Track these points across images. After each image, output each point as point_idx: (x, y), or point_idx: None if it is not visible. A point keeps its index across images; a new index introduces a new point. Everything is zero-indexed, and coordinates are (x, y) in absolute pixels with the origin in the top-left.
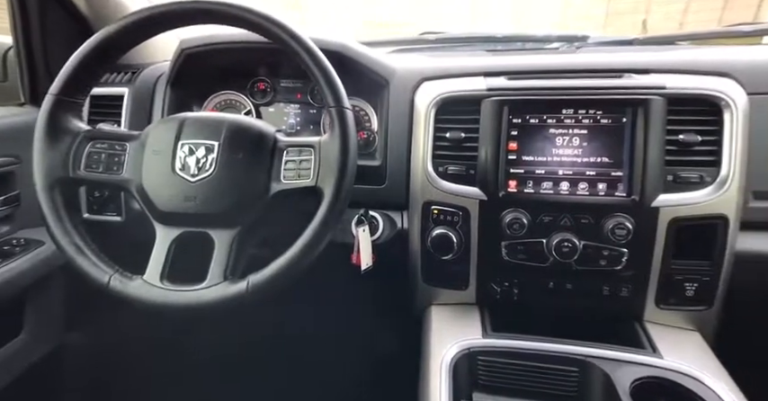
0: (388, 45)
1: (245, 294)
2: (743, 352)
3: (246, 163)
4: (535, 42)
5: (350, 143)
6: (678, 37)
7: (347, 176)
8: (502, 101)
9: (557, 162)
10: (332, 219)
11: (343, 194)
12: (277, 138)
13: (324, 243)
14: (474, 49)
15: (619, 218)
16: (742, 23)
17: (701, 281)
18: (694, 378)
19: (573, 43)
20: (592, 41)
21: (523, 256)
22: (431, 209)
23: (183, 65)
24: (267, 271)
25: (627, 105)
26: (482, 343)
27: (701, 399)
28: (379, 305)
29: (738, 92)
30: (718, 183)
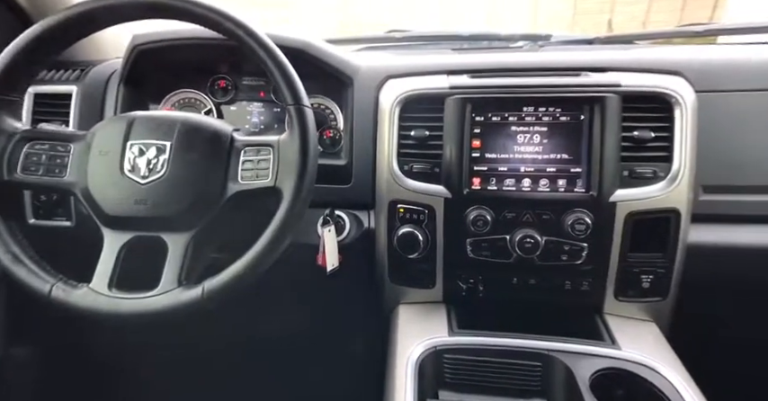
0: (356, 43)
1: (200, 300)
2: (694, 340)
3: (201, 163)
4: (500, 41)
5: (309, 142)
6: (636, 36)
7: (307, 176)
8: (465, 99)
9: (518, 159)
10: (292, 221)
11: (303, 194)
12: (234, 137)
13: (284, 245)
14: (440, 48)
15: (578, 214)
16: (694, 24)
17: (657, 273)
18: (650, 367)
19: (536, 42)
20: (554, 40)
21: (488, 253)
22: (397, 207)
23: (136, 62)
24: (224, 276)
25: (584, 103)
26: (448, 341)
27: (656, 388)
28: (348, 305)
29: (687, 90)
30: (670, 178)
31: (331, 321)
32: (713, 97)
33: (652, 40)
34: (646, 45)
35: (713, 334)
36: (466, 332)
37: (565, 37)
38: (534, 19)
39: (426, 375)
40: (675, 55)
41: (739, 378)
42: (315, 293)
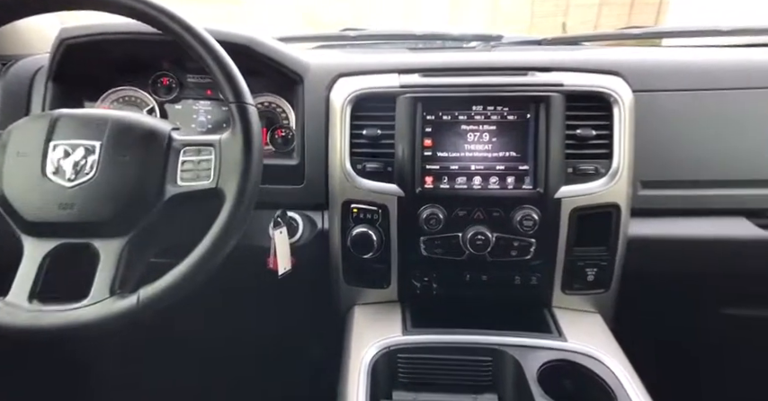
0: (309, 41)
1: (135, 309)
2: (636, 330)
3: (135, 164)
4: (454, 41)
5: (253, 141)
6: (581, 38)
7: (251, 177)
8: (415, 98)
9: (469, 158)
10: (235, 224)
11: (247, 196)
12: (172, 136)
13: (227, 249)
14: (396, 47)
15: (526, 210)
16: (634, 27)
17: (600, 266)
18: (594, 358)
19: (489, 42)
20: (505, 41)
21: (441, 251)
22: (350, 207)
23: (64, 57)
24: (161, 283)
25: (530, 102)
26: (402, 341)
27: (599, 377)
28: (303, 309)
29: (625, 89)
30: (610, 175)
31: (286, 325)
32: (649, 96)
33: (596, 42)
34: (590, 46)
35: (652, 323)
36: (420, 330)
37: (515, 38)
38: (494, 21)
39: (380, 376)
40: (614, 56)
41: (675, 364)
42: (268, 297)
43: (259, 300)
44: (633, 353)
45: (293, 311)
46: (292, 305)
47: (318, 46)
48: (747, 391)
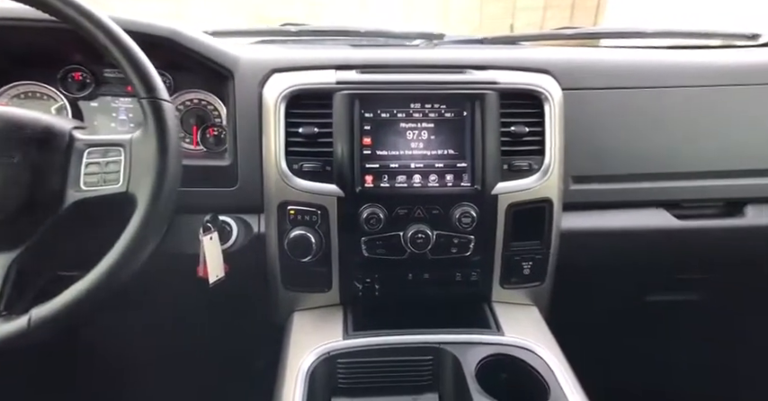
0: (247, 36)
1: (25, 331)
2: (569, 320)
3: (25, 167)
4: (397, 38)
5: (168, 140)
6: (519, 37)
7: (167, 179)
8: (353, 95)
9: (409, 156)
10: (149, 232)
11: (162, 201)
12: (74, 135)
13: (140, 259)
14: (338, 44)
15: (465, 207)
16: (567, 27)
17: (535, 260)
18: (529, 350)
19: (432, 40)
20: (447, 39)
21: (382, 251)
22: (287, 209)
23: None
24: (58, 302)
25: (466, 99)
26: (342, 345)
27: (533, 369)
28: (241, 317)
29: (555, 87)
30: (543, 170)
31: (224, 336)
32: (577, 94)
33: (533, 41)
34: (527, 46)
35: (583, 313)
36: (361, 333)
37: (457, 37)
38: (445, 22)
39: (318, 383)
40: (545, 55)
41: (605, 350)
42: (201, 307)
43: (193, 311)
44: (566, 343)
45: (231, 320)
46: (229, 314)
47: (258, 41)
48: (670, 371)
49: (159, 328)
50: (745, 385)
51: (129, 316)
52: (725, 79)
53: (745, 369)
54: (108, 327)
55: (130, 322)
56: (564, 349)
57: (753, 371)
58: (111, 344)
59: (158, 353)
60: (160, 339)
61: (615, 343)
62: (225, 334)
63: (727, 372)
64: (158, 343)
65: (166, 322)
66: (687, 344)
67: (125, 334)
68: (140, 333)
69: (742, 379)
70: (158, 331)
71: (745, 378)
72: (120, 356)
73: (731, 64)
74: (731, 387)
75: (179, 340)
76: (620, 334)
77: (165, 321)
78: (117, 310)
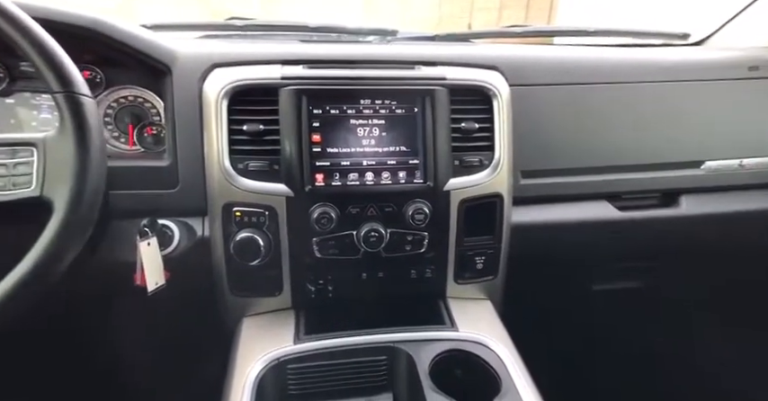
0: (190, 30)
1: None
2: (521, 312)
3: None
4: (350, 34)
5: (89, 138)
6: (471, 35)
7: (88, 181)
8: (299, 90)
9: (360, 153)
10: (68, 240)
11: (83, 206)
12: None
13: (57, 270)
14: (287, 39)
15: (418, 204)
16: (516, 25)
17: (487, 254)
18: (482, 344)
19: (385, 37)
20: (400, 36)
21: (335, 251)
22: (233, 211)
23: None
24: None
25: (416, 95)
26: (293, 350)
27: (486, 362)
28: (187, 326)
29: (502, 83)
30: (493, 166)
31: (171, 346)
32: (524, 90)
33: (484, 39)
34: (478, 43)
35: (535, 304)
36: (313, 337)
37: (410, 33)
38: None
39: (267, 392)
40: (493, 52)
41: (556, 341)
42: (143, 317)
43: (135, 321)
44: (519, 335)
45: (176, 330)
46: (174, 323)
47: (202, 36)
48: (619, 358)
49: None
50: (688, 367)
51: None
52: (659, 76)
53: (687, 351)
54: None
55: (66, 335)
56: (517, 341)
57: (694, 353)
58: (48, 357)
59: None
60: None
61: (566, 332)
62: (171, 343)
63: (672, 356)
64: (100, 356)
65: (106, 333)
66: (634, 331)
67: (62, 347)
68: (79, 345)
69: (685, 362)
70: (99, 343)
71: (689, 361)
72: (57, 371)
73: (665, 61)
74: (677, 369)
75: (121, 351)
76: (571, 324)
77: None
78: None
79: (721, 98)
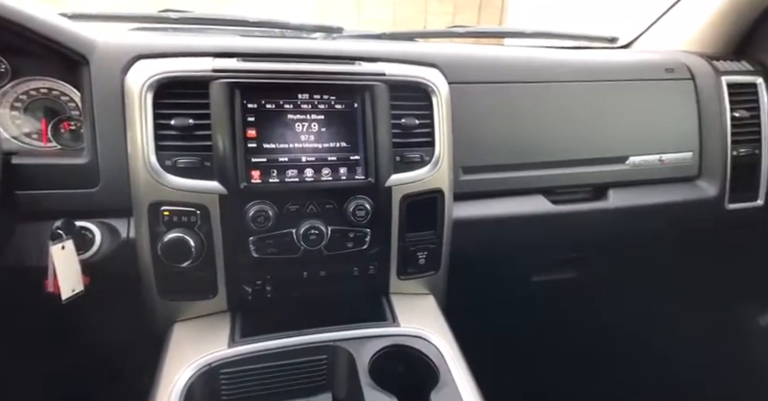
0: (119, 20)
1: None
2: (463, 305)
3: None
4: (293, 30)
5: None
6: (416, 34)
7: None
8: (232, 84)
9: (299, 148)
10: None
11: None
12: None
13: None
14: (227, 34)
15: (359, 200)
16: (459, 26)
17: (430, 249)
18: (423, 338)
19: (330, 34)
20: (346, 33)
21: (274, 250)
22: (160, 210)
23: None
24: None
25: (356, 91)
26: (226, 355)
27: (426, 356)
28: (113, 335)
29: (441, 80)
30: (433, 162)
31: (96, 357)
32: (463, 88)
33: (429, 38)
34: (422, 42)
35: (477, 297)
36: (249, 340)
37: (356, 31)
38: (358, 23)
39: (196, 399)
40: (433, 50)
41: (496, 332)
42: (61, 327)
43: (53, 332)
44: (462, 327)
45: (100, 339)
46: (98, 331)
47: (135, 28)
48: (558, 348)
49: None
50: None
51: None
52: (589, 76)
53: (622, 338)
54: None
55: None
56: (460, 334)
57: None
58: None
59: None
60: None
61: (508, 322)
62: (94, 354)
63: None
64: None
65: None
66: (571, 319)
67: None
68: None
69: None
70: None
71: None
72: None
73: (593, 63)
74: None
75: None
76: (512, 314)
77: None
78: None
79: (643, 97)
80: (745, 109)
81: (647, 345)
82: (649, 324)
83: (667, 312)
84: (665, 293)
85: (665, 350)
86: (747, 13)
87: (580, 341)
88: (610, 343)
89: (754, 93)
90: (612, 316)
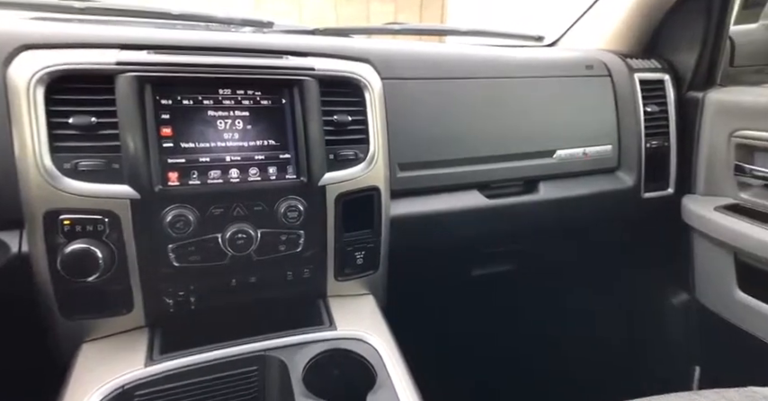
0: (13, 8)
1: None
2: (406, 303)
3: None
4: (221, 25)
5: None
6: (350, 30)
7: None
8: (142, 78)
9: (223, 148)
10: None
11: None
12: None
13: None
14: (144, 26)
15: (291, 201)
16: (395, 22)
17: (367, 248)
18: (361, 340)
19: (261, 28)
20: (277, 28)
21: (197, 257)
22: (59, 219)
23: None
24: None
25: (283, 86)
26: (142, 374)
27: (364, 358)
28: (8, 362)
29: (374, 76)
30: (368, 159)
31: None
32: (397, 84)
33: (364, 35)
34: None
35: (418, 295)
36: (170, 356)
37: (287, 26)
38: (299, 22)
39: None
40: (366, 45)
41: (437, 328)
42: None
43: None
44: (403, 326)
45: None
46: None
47: (33, 18)
48: (498, 340)
49: None
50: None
51: None
52: (517, 73)
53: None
54: None
55: None
56: (401, 332)
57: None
58: None
59: None
60: None
61: (450, 318)
62: None
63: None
64: None
65: None
66: (511, 311)
67: None
68: None
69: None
70: None
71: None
72: None
73: (521, 60)
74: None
75: None
76: (454, 310)
77: None
78: None
79: (567, 93)
80: (656, 104)
81: (580, 329)
82: (580, 309)
83: (595, 296)
84: (593, 279)
85: (595, 331)
86: (654, 13)
87: (519, 332)
88: (547, 332)
89: (663, 89)
90: (548, 305)
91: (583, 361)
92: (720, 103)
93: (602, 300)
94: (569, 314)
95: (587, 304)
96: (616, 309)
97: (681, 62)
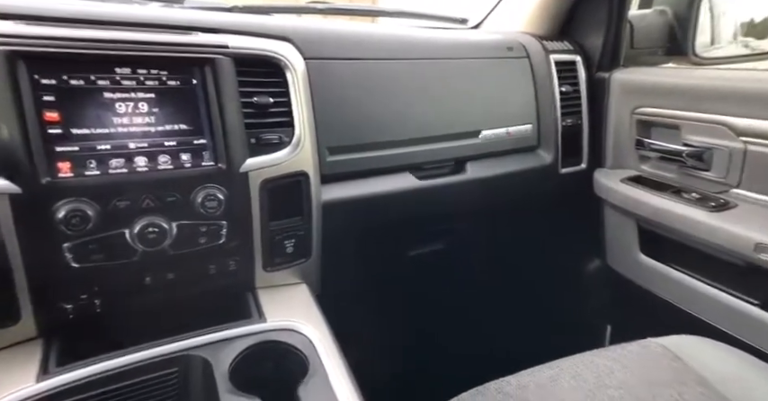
0: None
1: None
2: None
3: None
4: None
5: None
6: (272, 9)
7: None
8: (13, 53)
9: (125, 133)
10: None
11: None
12: None
13: None
14: None
15: (209, 190)
16: (318, 1)
17: (298, 236)
18: (292, 330)
19: (171, 4)
20: (189, 4)
21: (101, 256)
22: None
23: None
24: None
25: (193, 65)
26: (33, 391)
27: (297, 348)
28: None
29: (296, 56)
30: (294, 143)
31: None
32: (322, 64)
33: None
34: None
35: (354, 280)
36: (69, 367)
37: (202, 3)
38: None
39: None
40: (286, 22)
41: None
42: None
43: None
44: (340, 312)
45: None
46: None
47: None
48: (436, 320)
49: None
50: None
51: None
52: (442, 54)
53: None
54: None
55: None
56: (338, 319)
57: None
58: None
59: None
60: None
61: (387, 300)
62: None
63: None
64: None
65: None
66: (446, 289)
67: None
68: None
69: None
70: None
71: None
72: None
73: (446, 41)
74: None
75: None
76: (392, 292)
77: None
78: None
79: (489, 74)
80: (569, 84)
81: (509, 299)
82: (509, 281)
83: (521, 267)
84: (519, 251)
85: (522, 300)
86: None
87: (455, 307)
88: (481, 304)
89: (575, 70)
90: (481, 278)
91: (511, 328)
92: (623, 83)
93: (527, 271)
94: (499, 286)
95: (515, 275)
96: (539, 278)
97: (590, 44)
